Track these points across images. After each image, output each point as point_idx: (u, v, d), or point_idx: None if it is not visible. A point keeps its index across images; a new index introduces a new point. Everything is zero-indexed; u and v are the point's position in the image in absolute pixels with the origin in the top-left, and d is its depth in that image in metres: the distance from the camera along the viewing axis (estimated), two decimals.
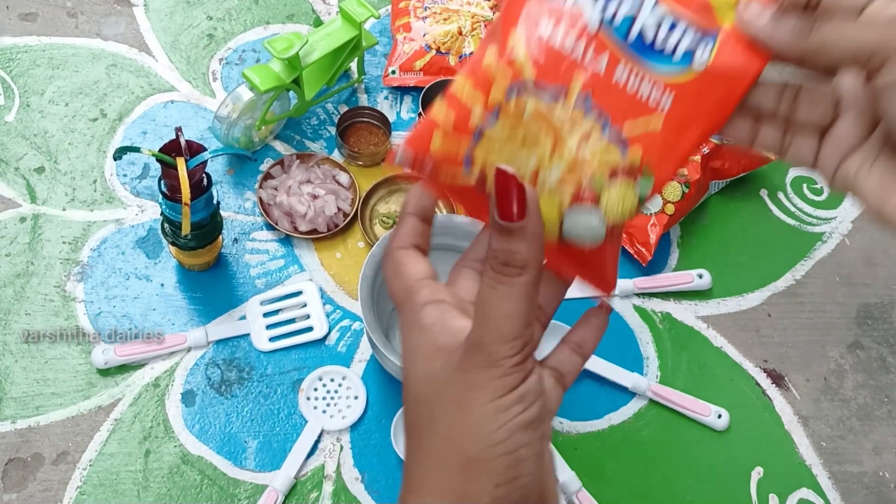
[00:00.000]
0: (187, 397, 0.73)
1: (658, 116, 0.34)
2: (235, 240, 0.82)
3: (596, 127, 0.33)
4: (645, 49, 0.33)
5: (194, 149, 0.65)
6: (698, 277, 0.84)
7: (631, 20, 0.33)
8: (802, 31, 0.32)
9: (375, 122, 0.90)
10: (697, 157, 0.86)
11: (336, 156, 0.88)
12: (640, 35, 0.33)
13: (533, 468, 0.30)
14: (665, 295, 0.84)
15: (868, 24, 0.30)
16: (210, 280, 0.79)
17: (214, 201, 0.71)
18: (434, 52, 0.94)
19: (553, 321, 0.38)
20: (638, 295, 0.84)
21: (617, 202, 0.34)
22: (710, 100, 0.34)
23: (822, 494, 0.75)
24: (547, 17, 0.33)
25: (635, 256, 0.83)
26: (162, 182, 0.67)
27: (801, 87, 0.36)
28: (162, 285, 0.78)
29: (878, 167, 0.36)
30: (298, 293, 0.79)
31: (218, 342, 0.76)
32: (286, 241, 0.83)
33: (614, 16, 0.33)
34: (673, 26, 0.33)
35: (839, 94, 0.36)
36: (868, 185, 0.36)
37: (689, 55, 0.33)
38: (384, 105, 0.94)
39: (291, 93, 0.87)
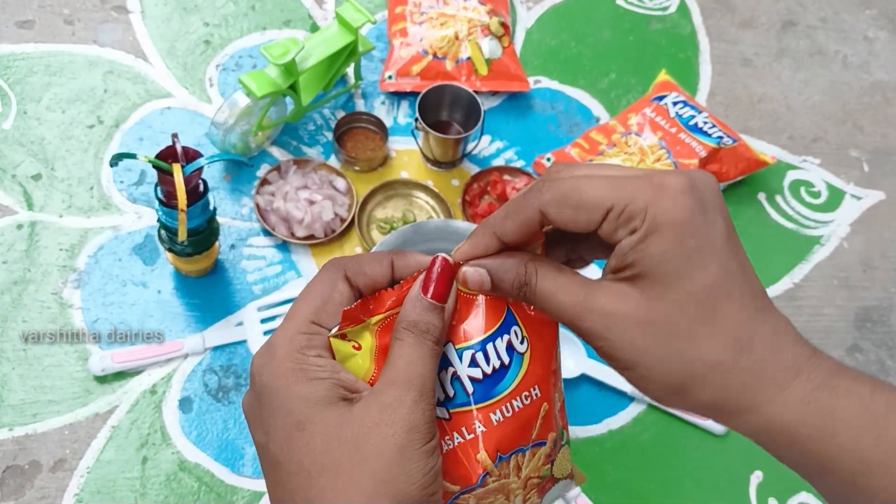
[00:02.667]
0: (184, 404, 0.73)
1: (538, 404, 0.37)
2: (232, 246, 0.82)
3: (519, 466, 0.37)
4: (488, 385, 0.36)
5: (190, 155, 0.65)
6: None
7: (476, 380, 0.36)
8: (522, 291, 0.36)
9: (372, 128, 0.90)
10: (695, 161, 0.86)
11: (333, 161, 0.88)
12: (479, 382, 0.36)
13: None
14: None
15: (566, 294, 0.35)
16: (207, 286, 0.79)
17: (211, 207, 0.71)
18: (431, 56, 0.94)
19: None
20: None
21: (562, 465, 0.39)
22: (542, 347, 0.38)
23: (821, 498, 0.74)
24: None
25: None
26: (158, 188, 0.67)
27: None
28: (159, 292, 0.78)
29: None
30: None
31: (215, 348, 0.75)
32: (283, 246, 0.82)
33: (452, 396, 0.36)
34: (483, 353, 0.36)
35: None
36: None
37: (510, 350, 0.36)
38: (381, 110, 0.94)
39: (288, 98, 0.87)
